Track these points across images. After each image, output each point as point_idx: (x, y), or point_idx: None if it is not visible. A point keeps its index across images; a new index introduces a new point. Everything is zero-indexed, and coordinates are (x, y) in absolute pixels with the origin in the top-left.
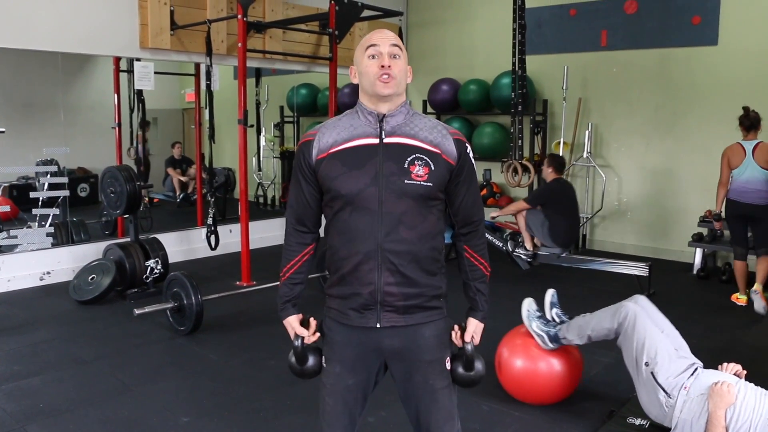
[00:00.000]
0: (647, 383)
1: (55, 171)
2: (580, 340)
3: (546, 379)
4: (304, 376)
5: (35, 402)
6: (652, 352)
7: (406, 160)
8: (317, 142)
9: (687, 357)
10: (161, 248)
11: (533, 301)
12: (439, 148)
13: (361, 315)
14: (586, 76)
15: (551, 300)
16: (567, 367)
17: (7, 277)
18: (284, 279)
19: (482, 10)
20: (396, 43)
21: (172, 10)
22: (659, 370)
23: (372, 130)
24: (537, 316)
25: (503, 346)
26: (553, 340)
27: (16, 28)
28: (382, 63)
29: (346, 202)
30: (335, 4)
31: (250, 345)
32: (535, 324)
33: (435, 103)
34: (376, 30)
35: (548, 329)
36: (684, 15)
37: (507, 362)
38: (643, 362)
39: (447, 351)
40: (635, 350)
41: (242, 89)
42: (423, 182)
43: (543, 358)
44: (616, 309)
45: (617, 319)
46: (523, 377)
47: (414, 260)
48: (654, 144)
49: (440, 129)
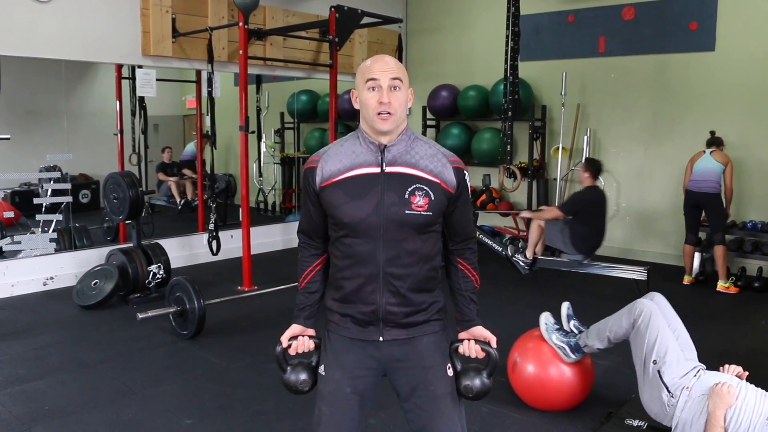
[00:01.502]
0: (653, 381)
1: (58, 177)
2: (601, 343)
3: (558, 387)
4: (287, 386)
5: (40, 405)
6: (662, 352)
7: (407, 191)
8: (320, 169)
9: (692, 360)
10: (163, 253)
11: (549, 315)
12: (439, 177)
13: (364, 329)
14: (585, 82)
15: (567, 312)
16: (579, 375)
17: (11, 282)
18: (301, 288)
19: (481, 17)
20: (396, 76)
21: (173, 17)
22: (666, 370)
23: (373, 158)
24: (556, 328)
25: (516, 349)
26: (574, 350)
27: (20, 36)
28: (381, 99)
29: (349, 229)
30: (335, 11)
31: (252, 349)
32: (555, 336)
33: (434, 109)
34: (377, 58)
35: (569, 340)
36: (681, 21)
37: (520, 366)
38: (652, 360)
39: (447, 358)
40: (645, 347)
41: (243, 96)
42: (423, 212)
43: (555, 365)
44: (632, 306)
45: (633, 315)
46: (536, 383)
47: (414, 281)
48: (652, 149)
49: (440, 157)
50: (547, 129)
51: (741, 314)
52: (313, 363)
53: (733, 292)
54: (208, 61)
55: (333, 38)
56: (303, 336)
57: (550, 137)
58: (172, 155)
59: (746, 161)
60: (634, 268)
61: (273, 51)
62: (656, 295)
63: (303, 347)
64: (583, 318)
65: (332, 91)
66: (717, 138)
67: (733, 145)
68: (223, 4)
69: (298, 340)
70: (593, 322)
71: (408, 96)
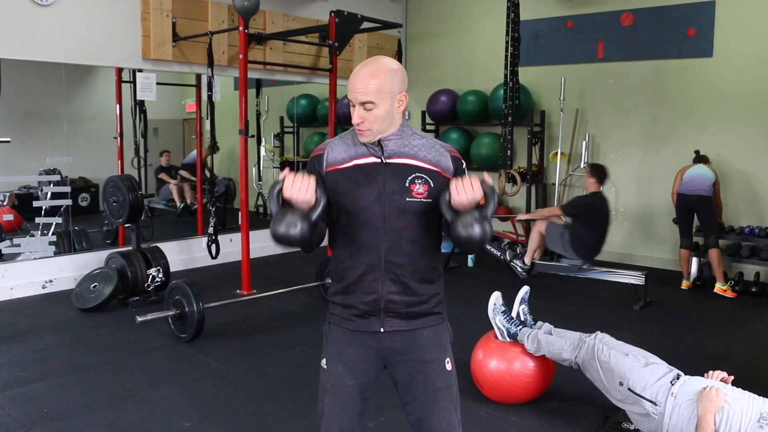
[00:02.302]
0: (629, 399)
1: (57, 180)
2: (534, 352)
3: (520, 380)
4: (276, 237)
5: (39, 407)
6: (622, 372)
7: (407, 179)
8: (326, 155)
9: (660, 363)
10: (163, 257)
11: (500, 296)
12: (438, 166)
13: (366, 320)
14: (583, 88)
15: (523, 296)
16: (539, 366)
17: (10, 285)
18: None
19: (480, 22)
20: (367, 99)
21: (174, 22)
22: (635, 383)
23: (374, 150)
24: (502, 311)
25: (478, 348)
26: (510, 337)
27: (21, 40)
28: (354, 119)
29: (352, 217)
30: (335, 16)
31: (251, 352)
32: (498, 318)
33: (434, 114)
34: (357, 72)
35: (509, 326)
36: (679, 27)
37: (481, 363)
38: (618, 384)
39: (446, 353)
40: (605, 381)
41: (243, 100)
42: (423, 199)
43: (518, 358)
44: (578, 344)
45: (579, 354)
46: (498, 377)
47: (415, 271)
48: (650, 154)
49: (438, 147)
50: (546, 134)
51: (739, 319)
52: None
53: (730, 296)
54: (208, 65)
55: (333, 43)
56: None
57: (548, 142)
58: (170, 159)
59: (743, 166)
60: (632, 273)
61: (273, 55)
62: (600, 334)
63: (304, 184)
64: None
65: (332, 96)
66: (703, 156)
67: (729, 151)
68: (223, 9)
69: (297, 176)
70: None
71: (390, 106)
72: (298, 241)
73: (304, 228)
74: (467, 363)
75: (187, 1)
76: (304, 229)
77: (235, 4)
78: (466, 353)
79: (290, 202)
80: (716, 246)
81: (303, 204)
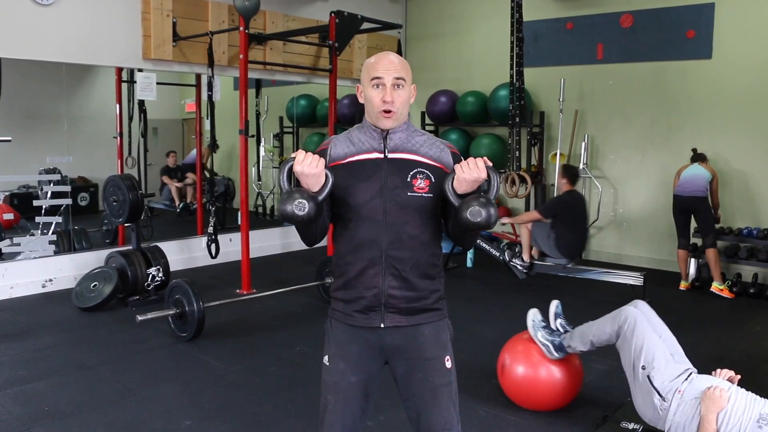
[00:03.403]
0: (643, 386)
1: (58, 180)
2: (584, 346)
3: (547, 386)
4: (283, 204)
5: (40, 406)
6: (650, 357)
7: (409, 174)
8: (330, 151)
9: (682, 362)
10: (162, 256)
11: (538, 312)
12: (439, 161)
13: (366, 316)
14: (583, 89)
15: (555, 311)
16: (567, 375)
17: (10, 285)
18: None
19: (480, 23)
20: (399, 75)
21: (174, 21)
22: (655, 375)
23: (377, 145)
24: (542, 326)
25: (506, 351)
26: (558, 349)
27: (21, 39)
28: (385, 96)
29: (353, 211)
30: (335, 16)
31: (251, 351)
32: (540, 334)
33: (433, 115)
34: (382, 55)
35: (553, 338)
36: (678, 29)
37: (509, 368)
38: (640, 366)
39: (446, 350)
40: (633, 354)
41: (243, 100)
42: (424, 194)
43: (544, 365)
44: (617, 313)
45: (618, 322)
46: (525, 383)
47: (415, 266)
48: (649, 155)
49: (438, 144)
50: (545, 135)
51: (737, 320)
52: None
53: (727, 296)
54: (208, 65)
55: (333, 43)
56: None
57: (548, 143)
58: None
59: (741, 168)
60: (630, 274)
61: (273, 55)
62: (640, 303)
63: (314, 160)
64: (577, 321)
65: (332, 96)
66: (700, 154)
67: (728, 152)
68: (223, 9)
69: (308, 154)
70: None
71: (411, 93)
72: (305, 221)
73: (311, 207)
74: (467, 362)
75: (187, 1)
76: (311, 208)
77: (236, 4)
78: (465, 353)
79: (300, 179)
80: (713, 246)
81: (312, 180)
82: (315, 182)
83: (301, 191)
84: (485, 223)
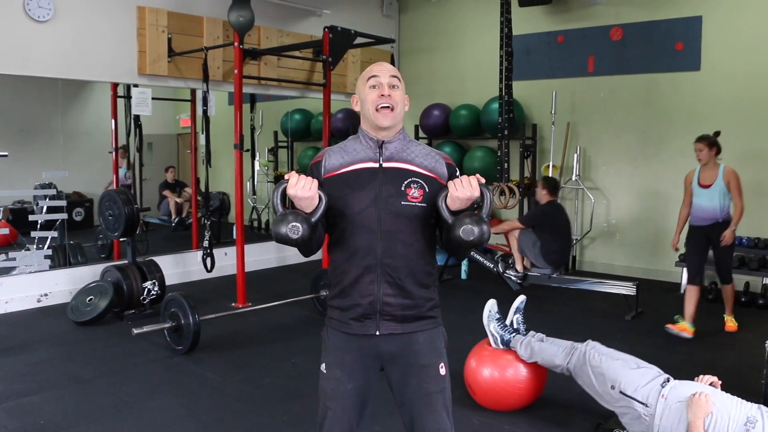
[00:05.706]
0: (621, 401)
1: (53, 194)
2: (527, 359)
3: (513, 386)
4: (277, 227)
5: (36, 419)
6: (613, 376)
7: (403, 183)
8: (324, 162)
9: (649, 367)
10: (158, 270)
11: (495, 303)
12: (433, 172)
13: (361, 323)
14: (574, 101)
15: (518, 305)
16: (532, 374)
17: (5, 299)
18: None
19: (472, 37)
20: (395, 75)
21: (169, 37)
22: (626, 385)
23: (372, 154)
24: (496, 318)
25: (472, 356)
26: (503, 344)
27: (18, 55)
28: (382, 92)
29: (348, 220)
30: (329, 31)
31: (246, 364)
32: (493, 325)
33: (427, 128)
34: (377, 62)
35: (503, 333)
36: (667, 41)
37: (475, 371)
38: (609, 387)
39: (441, 358)
40: (597, 385)
41: (238, 115)
42: (418, 203)
43: (511, 366)
44: (570, 350)
45: (571, 360)
46: (491, 384)
47: (410, 274)
48: (641, 166)
49: (434, 155)
50: (538, 147)
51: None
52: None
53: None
54: (203, 80)
55: (326, 58)
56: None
57: (540, 155)
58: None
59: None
60: (623, 284)
61: (267, 70)
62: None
63: (307, 183)
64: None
65: (326, 110)
66: (715, 139)
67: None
68: (218, 25)
69: (301, 176)
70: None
71: (405, 98)
72: (299, 243)
73: (305, 230)
74: (460, 372)
75: (182, 17)
76: (305, 230)
77: (231, 20)
78: (459, 363)
79: (293, 201)
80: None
81: (306, 202)
82: (308, 204)
83: (295, 214)
84: (477, 241)
